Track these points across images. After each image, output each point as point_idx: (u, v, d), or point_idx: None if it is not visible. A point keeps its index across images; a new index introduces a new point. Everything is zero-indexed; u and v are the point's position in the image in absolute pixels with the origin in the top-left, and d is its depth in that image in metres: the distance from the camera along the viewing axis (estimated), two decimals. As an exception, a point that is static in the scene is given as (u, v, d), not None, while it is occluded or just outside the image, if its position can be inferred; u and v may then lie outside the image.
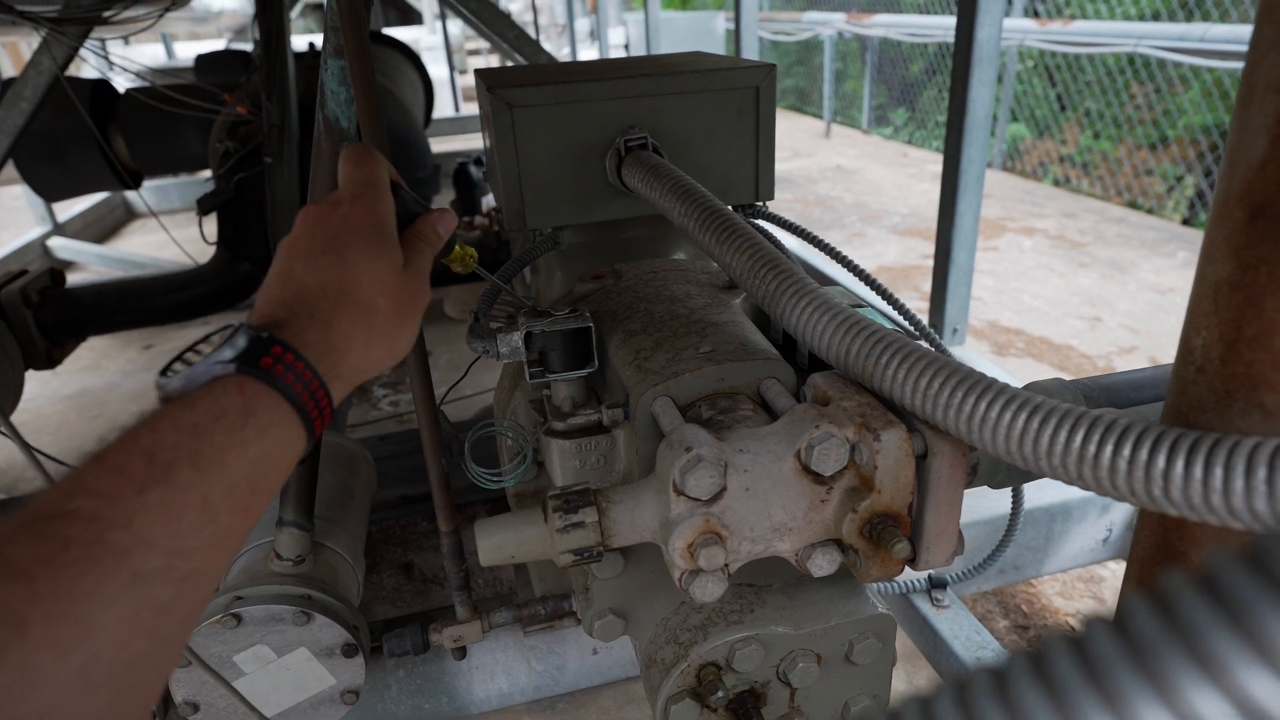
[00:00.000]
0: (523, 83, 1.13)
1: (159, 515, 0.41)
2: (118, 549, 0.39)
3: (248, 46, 4.67)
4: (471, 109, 8.77)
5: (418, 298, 0.64)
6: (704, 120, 1.18)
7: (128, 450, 0.43)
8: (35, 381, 1.89)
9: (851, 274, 1.19)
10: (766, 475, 0.73)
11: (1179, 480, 0.52)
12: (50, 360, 1.94)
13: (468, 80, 11.66)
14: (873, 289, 1.19)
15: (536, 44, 2.96)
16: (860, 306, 0.93)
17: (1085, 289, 3.66)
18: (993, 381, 0.66)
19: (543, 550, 0.75)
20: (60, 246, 4.36)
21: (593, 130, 1.13)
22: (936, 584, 1.36)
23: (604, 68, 1.28)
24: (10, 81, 2.30)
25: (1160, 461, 0.52)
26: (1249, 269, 0.51)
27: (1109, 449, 0.55)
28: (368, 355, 0.58)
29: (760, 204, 1.27)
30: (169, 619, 0.41)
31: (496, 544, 0.75)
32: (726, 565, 0.75)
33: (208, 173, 4.85)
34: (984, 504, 1.57)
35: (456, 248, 0.80)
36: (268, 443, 0.48)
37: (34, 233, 4.49)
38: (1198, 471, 0.51)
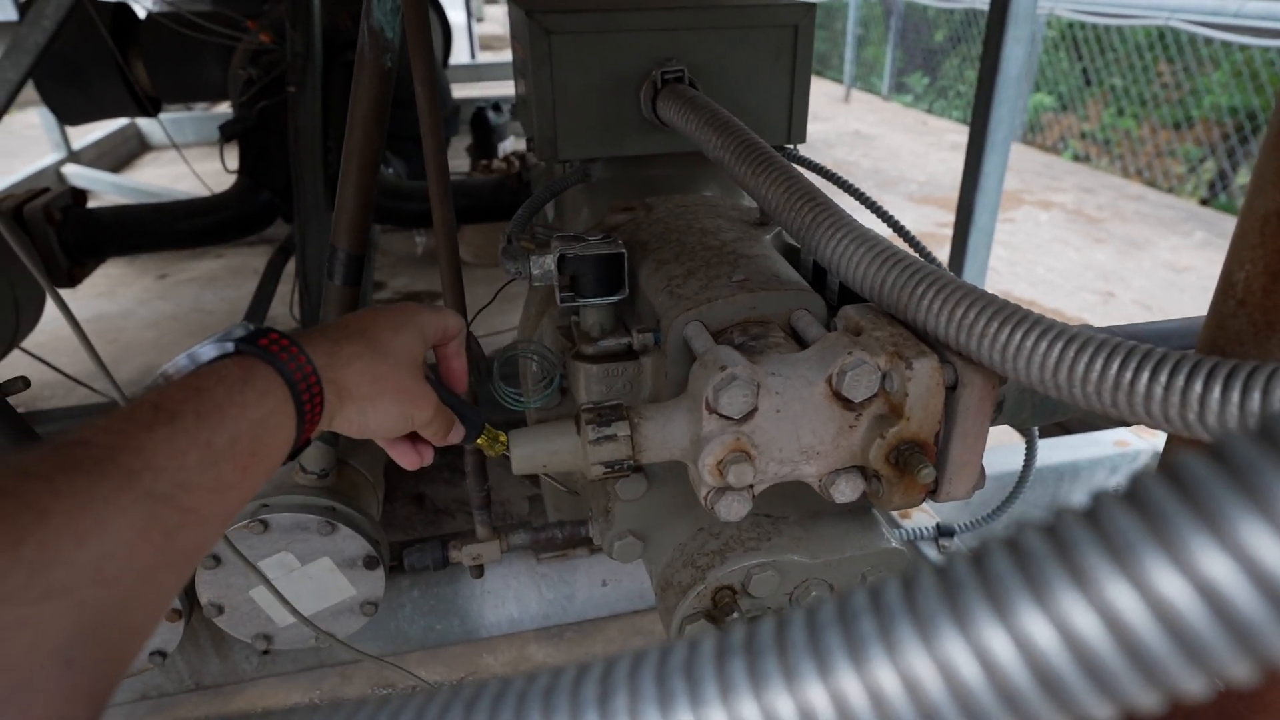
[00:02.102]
0: (561, 9, 1.12)
1: (166, 448, 0.44)
2: (129, 468, 0.41)
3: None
4: (488, 57, 8.64)
5: (411, 394, 0.65)
6: (741, 57, 1.17)
7: (136, 403, 0.46)
8: (54, 305, 1.90)
9: (882, 221, 1.19)
10: (797, 398, 0.74)
11: (1215, 405, 0.53)
12: (72, 279, 1.95)
13: (485, 29, 11.47)
14: (902, 236, 1.19)
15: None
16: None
17: (1100, 264, 3.64)
18: (1028, 312, 0.67)
19: (574, 461, 0.77)
20: (74, 174, 4.34)
21: (629, 61, 1.13)
22: (944, 533, 1.38)
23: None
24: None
25: (1197, 387, 0.53)
26: (1300, 199, 0.51)
27: (1145, 375, 0.56)
28: (365, 383, 0.61)
29: (791, 146, 1.27)
30: (174, 545, 0.43)
31: (529, 453, 0.76)
32: (752, 486, 0.77)
33: (224, 106, 4.79)
34: (992, 459, 1.59)
35: (484, 435, 0.79)
36: (265, 409, 0.51)
37: (49, 159, 4.47)
38: (1235, 396, 0.52)
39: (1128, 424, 0.70)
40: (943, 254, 3.43)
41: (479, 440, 0.79)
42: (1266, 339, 0.55)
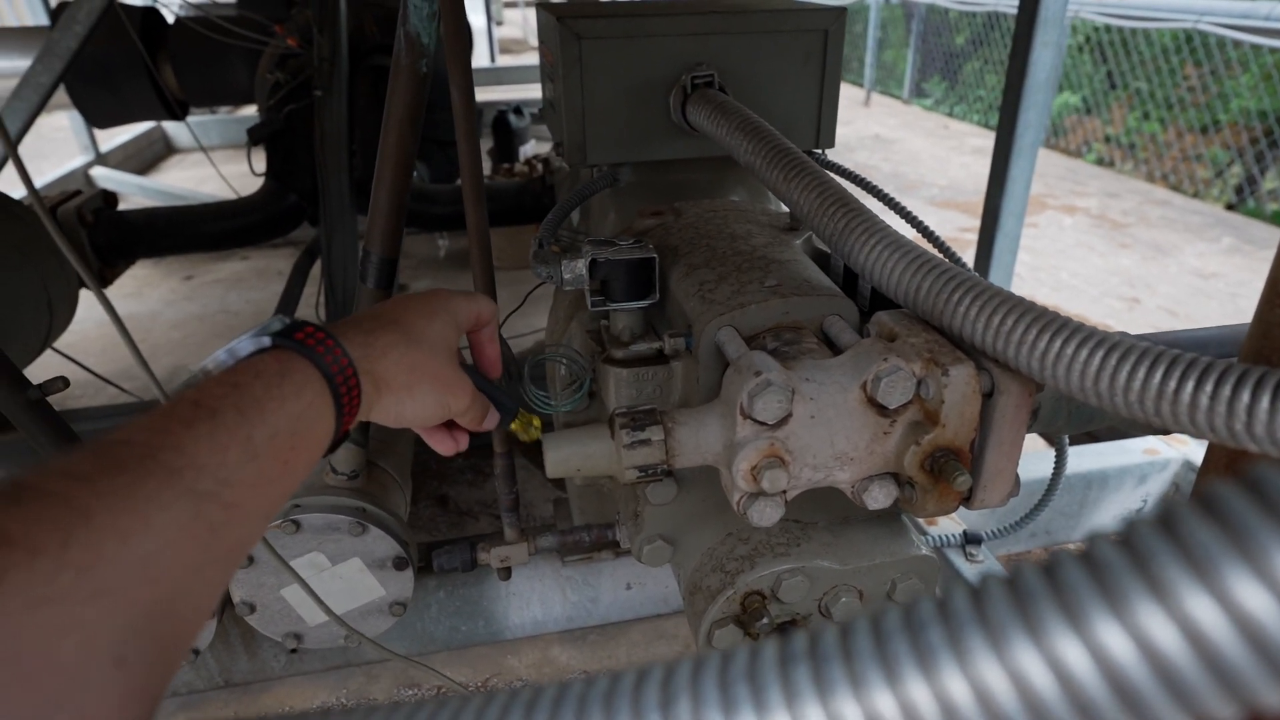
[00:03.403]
0: (591, 14, 1.12)
1: (207, 445, 0.44)
2: (171, 466, 0.41)
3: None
4: (507, 61, 8.68)
5: (448, 382, 0.65)
6: (770, 62, 1.17)
7: (175, 401, 0.46)
8: (82, 305, 1.93)
9: (911, 225, 1.18)
10: (832, 404, 0.74)
11: (1264, 415, 0.52)
12: (103, 280, 1.98)
13: (504, 32, 11.53)
14: (932, 241, 1.19)
15: (585, -10, 2.92)
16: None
17: (1125, 269, 3.60)
18: (1067, 320, 0.66)
19: (607, 465, 0.77)
20: (102, 176, 4.40)
21: (659, 66, 1.13)
22: (971, 540, 1.37)
23: (671, 4, 1.28)
24: (65, 4, 2.31)
25: (1245, 396, 0.53)
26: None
27: (1190, 384, 0.56)
28: (402, 373, 0.61)
29: (820, 151, 1.26)
30: (219, 540, 0.43)
31: (564, 456, 0.77)
32: (785, 491, 0.76)
33: (249, 109, 4.83)
34: (1020, 467, 1.58)
35: (518, 420, 0.78)
36: (302, 403, 0.51)
37: (77, 161, 4.54)
38: (1284, 405, 0.51)
39: (1168, 433, 0.69)
40: (966, 259, 3.41)
41: (513, 425, 0.78)
42: (1315, 348, 0.55)
